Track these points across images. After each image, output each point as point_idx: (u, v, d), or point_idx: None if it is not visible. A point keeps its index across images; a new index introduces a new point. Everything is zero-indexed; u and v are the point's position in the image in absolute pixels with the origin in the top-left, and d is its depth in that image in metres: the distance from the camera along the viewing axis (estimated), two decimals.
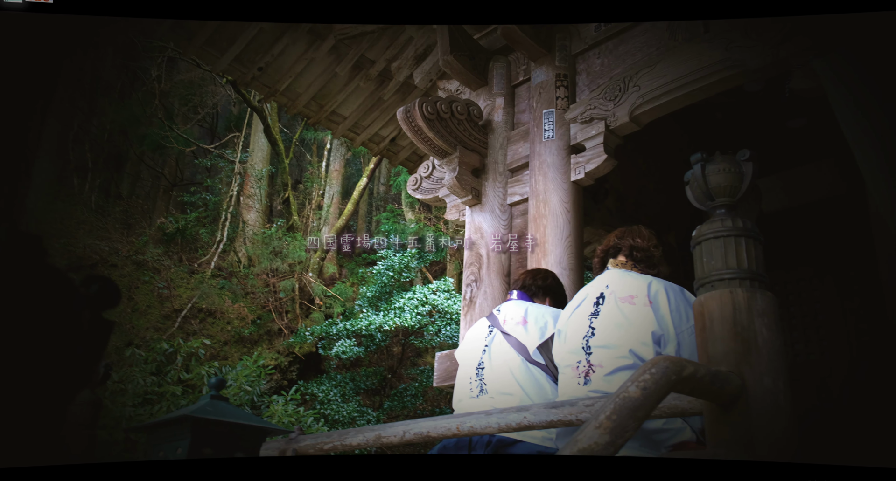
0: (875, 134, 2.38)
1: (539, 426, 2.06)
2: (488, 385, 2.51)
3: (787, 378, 1.72)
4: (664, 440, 2.11)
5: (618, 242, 2.45)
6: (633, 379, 1.48)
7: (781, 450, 1.63)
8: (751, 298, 1.71)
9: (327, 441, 2.57)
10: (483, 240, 4.11)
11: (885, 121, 2.36)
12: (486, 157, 4.24)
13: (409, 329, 8.90)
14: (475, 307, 3.98)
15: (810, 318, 4.85)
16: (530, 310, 2.65)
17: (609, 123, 3.60)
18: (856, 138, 2.46)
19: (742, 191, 1.77)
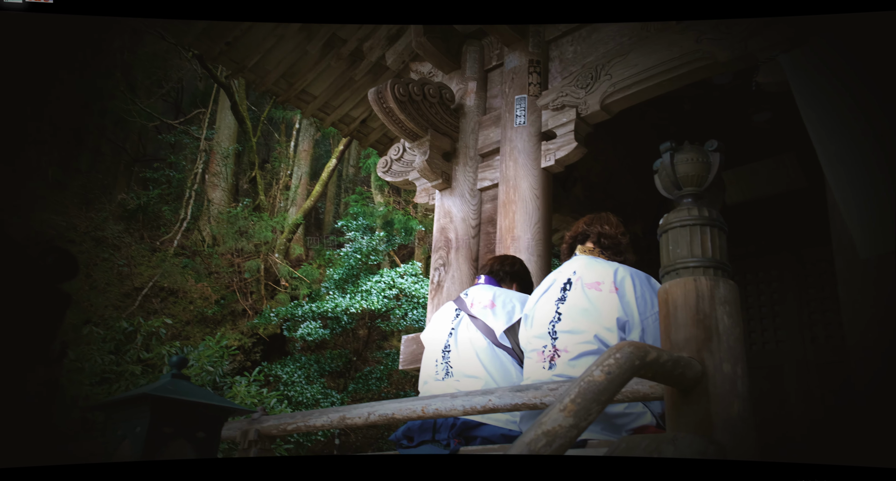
0: (836, 129, 2.44)
1: (504, 409, 2.09)
2: (454, 367, 2.53)
3: (745, 364, 1.77)
4: (625, 424, 2.15)
5: (586, 229, 2.47)
6: (597, 363, 1.50)
7: (738, 435, 1.67)
8: (714, 287, 1.75)
9: (291, 422, 2.55)
10: (452, 224, 4.11)
11: (847, 116, 2.42)
12: (457, 142, 4.23)
13: (375, 312, 8.89)
14: (443, 291, 3.99)
15: (767, 309, 4.99)
16: (498, 295, 2.66)
17: (580, 111, 3.62)
18: (817, 133, 2.52)
19: (709, 181, 1.80)
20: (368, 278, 9.15)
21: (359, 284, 9.05)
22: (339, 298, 8.69)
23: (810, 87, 2.56)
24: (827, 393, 4.51)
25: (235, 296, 10.48)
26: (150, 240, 10.98)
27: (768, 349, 4.88)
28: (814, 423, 4.45)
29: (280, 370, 8.24)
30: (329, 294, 9.19)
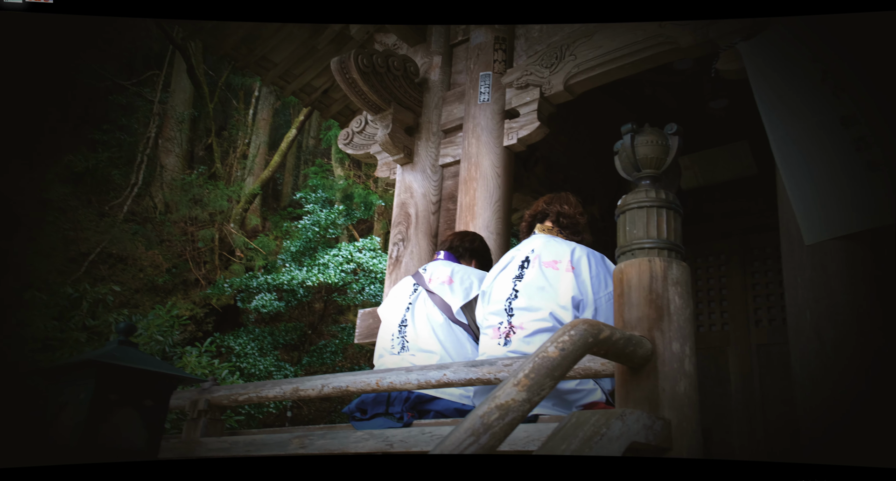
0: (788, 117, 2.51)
1: (458, 383, 2.11)
2: (410, 342, 2.54)
3: (693, 344, 1.83)
4: (576, 400, 2.20)
5: (546, 208, 2.50)
6: (552, 340, 1.53)
7: (683, 412, 1.73)
8: (667, 268, 1.80)
9: (242, 392, 2.53)
10: (413, 199, 4.09)
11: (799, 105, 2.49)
12: (420, 116, 4.19)
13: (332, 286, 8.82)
14: (401, 266, 3.98)
15: (715, 292, 5.15)
16: (456, 271, 2.67)
17: (544, 91, 3.62)
18: (770, 121, 2.59)
19: (667, 164, 1.83)
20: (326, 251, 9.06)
21: (316, 257, 8.95)
22: (296, 271, 8.59)
23: (766, 74, 2.62)
24: (765, 373, 4.70)
25: (188, 266, 10.25)
26: (99, 205, 10.60)
27: (714, 331, 5.05)
28: (750, 403, 4.65)
29: (233, 341, 8.13)
30: (285, 266, 9.07)
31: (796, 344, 2.52)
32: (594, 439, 1.45)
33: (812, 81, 2.46)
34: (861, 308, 2.40)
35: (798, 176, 2.51)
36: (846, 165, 2.37)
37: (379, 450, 1.98)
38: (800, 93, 2.50)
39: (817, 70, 2.45)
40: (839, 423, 2.30)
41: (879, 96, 2.28)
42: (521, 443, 1.86)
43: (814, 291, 2.49)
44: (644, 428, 1.62)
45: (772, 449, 4.45)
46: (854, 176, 2.36)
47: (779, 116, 2.55)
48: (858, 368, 2.33)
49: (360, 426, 2.33)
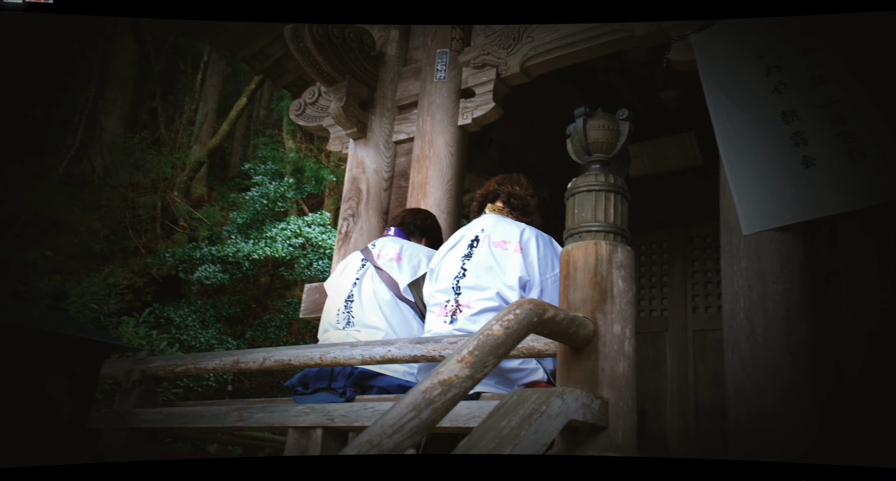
0: (734, 109, 2.58)
1: (403, 360, 2.11)
2: (356, 317, 2.52)
3: (633, 326, 1.88)
4: (518, 378, 2.24)
5: (497, 188, 2.51)
6: (497, 318, 1.54)
7: (621, 392, 1.78)
8: (612, 251, 1.83)
9: (180, 363, 2.47)
10: (365, 175, 4.05)
11: (745, 98, 2.57)
12: (375, 91, 4.12)
13: (279, 260, 8.68)
14: (350, 242, 3.94)
15: (657, 278, 5.30)
16: (405, 248, 2.66)
17: (500, 72, 3.61)
18: (717, 113, 2.66)
19: (617, 148, 1.85)
20: (274, 225, 8.89)
21: (263, 230, 8.78)
22: (242, 243, 8.41)
23: (714, 67, 2.68)
24: (699, 358, 4.89)
25: (127, 233, 9.88)
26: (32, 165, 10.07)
27: (654, 316, 5.21)
28: (683, 385, 4.83)
29: (173, 313, 7.92)
30: (231, 238, 8.86)
31: (729, 330, 2.63)
32: (534, 417, 1.48)
33: (757, 76, 2.53)
34: (790, 296, 2.51)
35: (739, 168, 2.59)
36: (783, 159, 2.46)
37: (319, 424, 1.97)
38: (745, 87, 2.58)
39: (762, 66, 2.53)
40: (765, 406, 2.41)
41: (858, 89, 2.34)
42: (463, 420, 1.88)
43: (748, 280, 2.59)
44: (582, 406, 1.66)
45: (701, 429, 4.64)
46: (790, 170, 2.45)
47: (724, 109, 2.62)
48: (785, 354, 2.45)
49: (301, 400, 2.31)
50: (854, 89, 2.31)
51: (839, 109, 2.33)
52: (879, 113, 2.26)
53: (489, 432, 1.41)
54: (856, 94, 2.30)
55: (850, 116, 2.30)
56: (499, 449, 1.35)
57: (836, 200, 2.36)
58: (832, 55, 2.37)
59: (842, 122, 2.32)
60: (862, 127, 2.28)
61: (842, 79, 2.33)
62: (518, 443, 1.38)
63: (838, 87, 2.33)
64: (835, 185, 2.34)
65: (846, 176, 2.32)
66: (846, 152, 2.31)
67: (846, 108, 2.31)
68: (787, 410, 2.38)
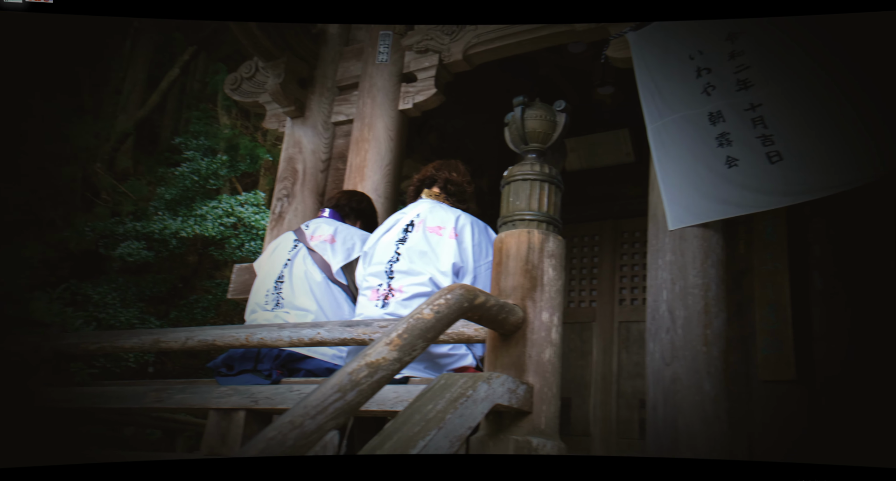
0: (665, 107, 2.68)
1: (332, 342, 2.09)
2: (285, 299, 2.48)
3: (561, 314, 1.93)
4: (448, 364, 2.26)
5: (434, 174, 2.51)
6: (428, 302, 1.55)
7: (546, 378, 1.83)
8: (544, 240, 1.87)
9: (94, 341, 2.35)
10: (301, 155, 3.97)
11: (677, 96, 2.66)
12: (315, 69, 4.04)
13: (209, 239, 8.41)
14: (284, 223, 3.86)
15: (587, 270, 5.45)
16: (340, 230, 2.63)
17: (443, 58, 3.60)
18: (649, 112, 2.75)
19: (554, 139, 1.89)
20: (205, 203, 8.59)
21: (193, 208, 8.48)
22: (169, 220, 8.09)
23: (649, 66, 2.77)
24: (623, 349, 5.07)
25: (43, 204, 9.31)
26: None
27: (583, 307, 5.35)
28: (607, 375, 5.00)
29: (92, 290, 7.56)
30: (158, 214, 8.51)
31: (652, 321, 2.73)
32: (460, 400, 1.50)
33: (688, 77, 2.63)
34: (709, 291, 2.63)
35: (668, 165, 2.69)
36: (708, 159, 2.57)
37: (243, 406, 1.93)
38: (676, 87, 2.67)
39: (693, 67, 2.62)
40: (680, 394, 2.53)
41: (779, 94, 2.45)
42: (390, 403, 1.88)
43: (671, 273, 2.69)
44: (508, 391, 1.69)
45: (621, 417, 4.82)
46: (714, 169, 2.56)
47: (656, 107, 2.71)
48: (701, 346, 2.57)
49: (224, 381, 2.25)
50: (775, 94, 2.43)
51: (761, 113, 2.44)
52: (800, 117, 2.38)
53: (415, 415, 1.42)
54: (777, 99, 2.42)
55: (770, 120, 2.42)
56: (424, 432, 1.36)
57: (754, 200, 2.48)
58: (757, 60, 2.48)
59: (763, 126, 2.44)
60: (781, 130, 2.41)
61: (764, 84, 2.45)
62: (443, 426, 1.39)
63: (761, 92, 2.45)
64: (754, 186, 2.47)
65: (764, 177, 2.45)
66: (765, 154, 2.43)
67: (767, 112, 2.43)
68: (700, 399, 2.50)
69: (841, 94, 2.29)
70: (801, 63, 2.39)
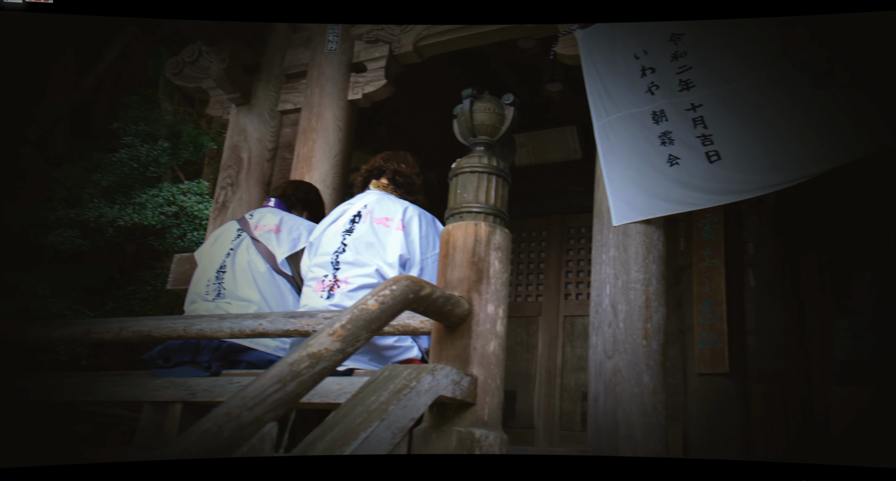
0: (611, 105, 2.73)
1: (274, 334, 2.05)
2: (227, 289, 2.41)
3: (506, 307, 1.94)
4: (393, 356, 2.25)
5: (383, 165, 2.48)
6: (373, 293, 1.53)
7: (490, 370, 1.84)
8: (491, 233, 1.88)
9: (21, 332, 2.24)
10: (247, 143, 3.87)
11: (621, 99, 2.72)
12: (262, 56, 3.94)
13: (149, 228, 8.12)
14: (227, 212, 3.77)
15: (535, 265, 5.52)
16: (285, 220, 2.58)
17: (394, 49, 3.58)
18: (596, 109, 2.80)
19: (502, 132, 1.89)
20: (145, 191, 8.29)
21: (132, 196, 8.16)
22: (106, 208, 7.77)
23: (596, 64, 2.82)
24: (567, 342, 5.16)
25: None
26: None
27: (530, 301, 5.42)
28: (552, 368, 5.09)
29: (20, 279, 7.19)
30: (94, 202, 8.15)
31: (595, 315, 2.79)
32: (403, 392, 1.49)
33: (633, 76, 2.68)
34: (650, 286, 2.70)
35: (613, 162, 2.74)
36: (651, 157, 2.64)
37: (179, 399, 1.87)
38: (622, 85, 2.72)
39: (638, 66, 2.68)
40: (620, 387, 2.59)
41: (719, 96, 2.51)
42: (334, 395, 1.86)
43: (614, 268, 2.75)
44: (452, 383, 1.69)
45: (565, 409, 4.92)
46: (656, 167, 2.63)
47: (603, 105, 2.76)
48: (641, 339, 2.63)
49: (161, 373, 2.18)
50: (715, 95, 2.50)
51: (701, 113, 2.52)
52: (739, 117, 2.47)
53: (358, 407, 1.40)
54: (716, 100, 2.50)
55: (709, 120, 2.50)
56: (366, 424, 1.35)
57: (693, 198, 2.56)
58: (698, 62, 2.55)
59: (703, 126, 2.52)
60: (720, 131, 2.49)
61: (705, 85, 2.52)
62: (386, 418, 1.38)
63: (701, 93, 2.53)
64: (693, 184, 2.54)
65: (703, 176, 2.52)
66: (704, 153, 2.51)
67: (707, 113, 2.50)
68: (639, 391, 2.57)
69: (813, 86, 2.33)
70: (744, 64, 2.47)
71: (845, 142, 2.27)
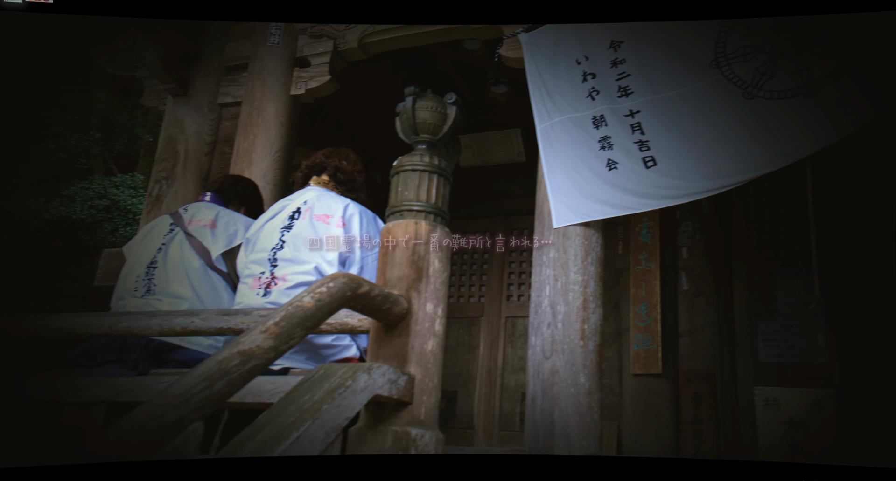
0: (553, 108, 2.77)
1: (207, 332, 1.99)
2: (157, 286, 2.32)
3: (445, 306, 1.94)
4: (331, 355, 2.21)
5: (324, 161, 2.44)
6: (309, 290, 1.50)
7: (428, 369, 1.83)
8: (431, 231, 1.87)
9: None
10: (184, 136, 3.75)
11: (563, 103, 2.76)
12: (201, 47, 3.83)
13: (77, 222, 7.76)
14: (162, 206, 3.63)
15: (478, 267, 5.55)
16: (222, 215, 2.51)
17: (338, 45, 3.53)
18: (539, 113, 2.84)
19: (444, 131, 1.89)
20: (74, 183, 7.92)
21: (60, 188, 7.78)
22: (30, 200, 7.38)
23: (539, 67, 2.86)
24: (508, 343, 5.22)
25: None
26: None
27: (472, 302, 5.45)
28: (493, 369, 5.13)
29: None
30: (16, 193, 7.73)
31: (535, 315, 2.82)
32: (338, 391, 1.47)
33: (574, 81, 2.73)
34: (588, 287, 2.75)
35: (554, 165, 2.78)
36: (591, 161, 2.69)
37: (103, 400, 1.79)
38: (564, 89, 2.77)
39: (580, 71, 2.74)
40: (557, 387, 2.63)
41: (656, 103, 2.57)
42: (268, 395, 1.81)
43: (554, 270, 2.79)
44: (389, 382, 1.67)
45: (504, 410, 4.96)
46: (596, 171, 2.68)
47: (545, 108, 2.80)
48: (578, 340, 2.68)
49: (84, 374, 2.08)
50: (652, 103, 2.58)
51: (639, 119, 2.59)
52: (673, 126, 2.54)
53: (290, 406, 1.37)
54: (654, 107, 2.57)
55: (646, 127, 2.57)
56: (299, 423, 1.32)
57: (630, 202, 2.62)
58: (637, 69, 2.62)
59: (640, 132, 2.59)
60: (656, 137, 2.56)
61: (643, 92, 2.59)
62: (319, 417, 1.36)
63: (639, 99, 2.59)
64: (630, 188, 2.60)
65: (640, 180, 2.59)
66: (641, 159, 2.58)
67: (644, 119, 2.57)
68: (576, 391, 2.61)
69: (743, 98, 2.40)
70: (679, 74, 2.55)
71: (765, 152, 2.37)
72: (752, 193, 4.46)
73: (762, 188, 4.44)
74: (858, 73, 2.26)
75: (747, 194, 4.45)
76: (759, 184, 4.33)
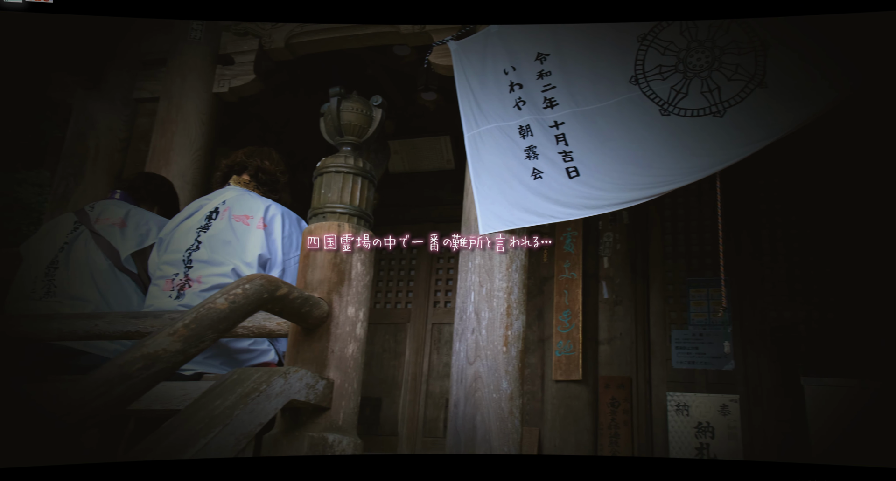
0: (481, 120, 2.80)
1: (113, 336, 1.88)
2: (58, 287, 2.17)
3: (367, 310, 1.91)
4: (248, 360, 2.13)
5: (245, 160, 2.36)
6: (223, 291, 1.44)
7: (348, 373, 1.79)
8: (355, 234, 1.84)
9: None
10: (94, 131, 3.56)
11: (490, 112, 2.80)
12: (117, 38, 3.65)
13: None
14: (69, 205, 3.43)
15: (405, 273, 5.53)
16: (132, 214, 2.38)
17: (264, 44, 3.45)
18: (467, 120, 2.87)
19: (370, 134, 1.87)
20: None
21: None
22: None
23: (468, 75, 2.89)
24: (434, 350, 5.21)
25: None
26: None
27: (399, 308, 5.41)
28: (418, 375, 5.11)
29: None
30: None
31: (459, 321, 2.82)
32: (252, 396, 1.41)
33: (502, 90, 2.78)
34: (512, 294, 2.79)
35: (481, 172, 2.81)
36: (517, 170, 2.73)
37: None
38: (492, 98, 2.81)
39: (507, 81, 2.78)
40: (480, 392, 2.64)
41: (579, 115, 2.64)
42: (177, 402, 1.73)
43: (479, 276, 2.81)
44: (306, 386, 1.63)
45: (429, 416, 4.95)
46: (521, 180, 2.73)
47: (473, 116, 2.83)
48: (501, 346, 2.70)
49: None
50: (576, 115, 2.65)
51: (563, 131, 2.65)
52: (595, 138, 2.62)
53: (199, 412, 1.31)
54: (578, 119, 2.64)
55: (570, 138, 2.64)
56: (208, 430, 1.26)
57: (554, 211, 2.68)
58: (562, 82, 2.69)
59: (564, 143, 2.65)
60: (579, 148, 2.63)
61: (567, 104, 2.66)
62: (230, 423, 1.30)
63: (564, 111, 2.66)
64: (554, 198, 2.66)
65: (563, 190, 2.65)
66: (565, 169, 2.64)
67: (568, 130, 2.64)
68: (498, 397, 2.63)
69: (659, 113, 2.50)
70: (601, 88, 2.63)
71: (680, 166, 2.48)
72: (669, 206, 4.66)
73: (677, 202, 4.65)
74: (773, 86, 2.39)
75: (664, 207, 4.64)
76: (674, 197, 4.54)
